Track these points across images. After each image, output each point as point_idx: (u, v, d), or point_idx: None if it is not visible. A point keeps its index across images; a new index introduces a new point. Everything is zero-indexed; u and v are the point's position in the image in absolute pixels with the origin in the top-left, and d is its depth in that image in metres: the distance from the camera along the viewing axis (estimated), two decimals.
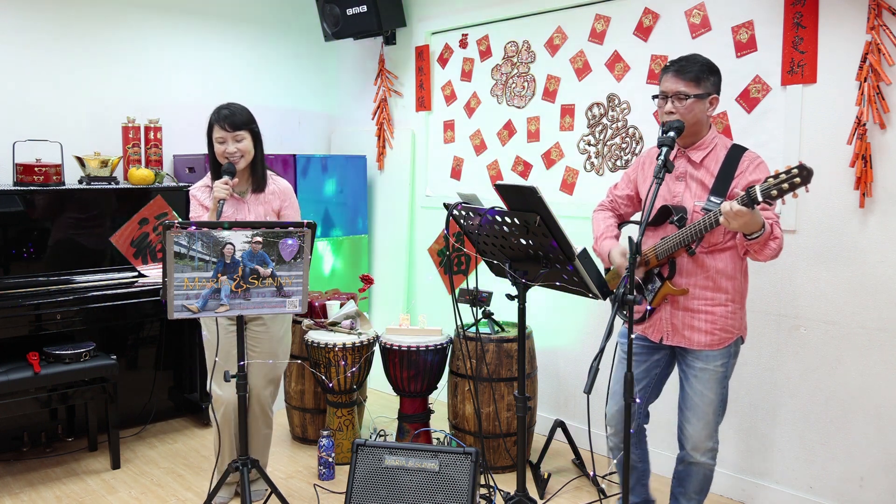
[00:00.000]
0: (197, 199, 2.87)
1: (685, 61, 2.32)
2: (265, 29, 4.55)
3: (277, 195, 2.89)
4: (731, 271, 2.34)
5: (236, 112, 2.79)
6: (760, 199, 2.04)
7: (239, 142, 2.77)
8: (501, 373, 3.26)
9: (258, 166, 2.84)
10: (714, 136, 2.38)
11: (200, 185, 2.91)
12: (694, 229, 2.26)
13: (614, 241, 2.54)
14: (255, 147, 2.82)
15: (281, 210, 2.90)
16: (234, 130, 2.76)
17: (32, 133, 3.68)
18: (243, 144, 2.78)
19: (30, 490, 3.15)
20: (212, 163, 2.85)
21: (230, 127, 2.75)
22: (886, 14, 2.55)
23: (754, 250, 2.23)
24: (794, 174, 2.00)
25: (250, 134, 2.80)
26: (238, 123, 2.77)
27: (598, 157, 3.50)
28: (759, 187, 2.05)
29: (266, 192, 2.86)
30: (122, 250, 3.71)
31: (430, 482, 2.38)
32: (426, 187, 4.37)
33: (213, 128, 2.78)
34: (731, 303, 2.36)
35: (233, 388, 2.84)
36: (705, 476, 2.48)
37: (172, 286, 2.33)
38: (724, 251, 2.33)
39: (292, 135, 4.73)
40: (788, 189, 2.00)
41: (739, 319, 2.40)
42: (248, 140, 2.80)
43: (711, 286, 2.34)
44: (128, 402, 3.73)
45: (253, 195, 2.86)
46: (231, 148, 2.76)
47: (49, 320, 3.30)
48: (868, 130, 2.63)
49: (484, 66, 3.98)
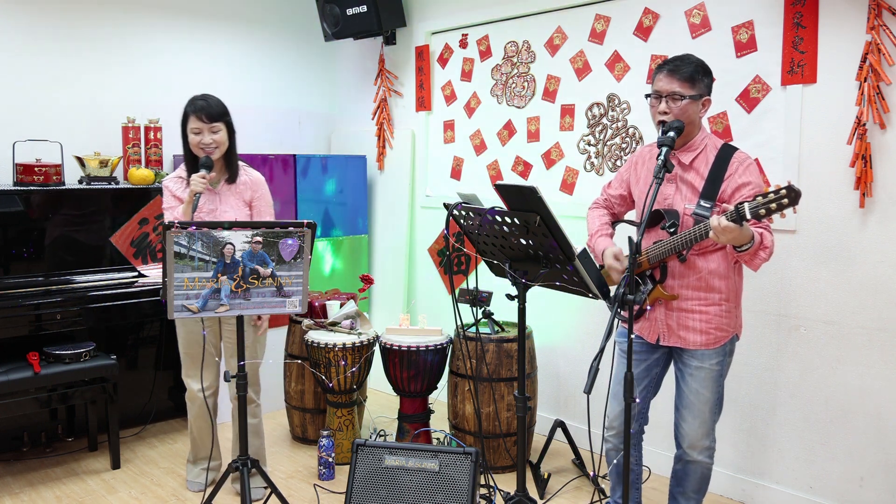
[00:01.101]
0: (170, 189, 2.90)
1: (679, 61, 2.30)
2: (265, 29, 4.55)
3: (249, 186, 2.92)
4: (723, 271, 2.34)
5: (213, 104, 2.80)
6: (749, 217, 2.05)
7: (215, 133, 2.79)
8: (501, 373, 3.26)
9: (232, 158, 2.88)
10: (704, 136, 2.37)
11: (174, 176, 2.94)
12: (684, 239, 2.26)
13: (608, 240, 2.54)
14: (229, 139, 2.85)
15: (252, 201, 2.93)
16: (211, 122, 2.78)
17: (32, 133, 3.68)
18: (219, 136, 2.80)
19: (30, 490, 3.15)
20: (186, 154, 2.86)
21: (207, 118, 2.77)
22: (886, 14, 2.55)
23: (744, 261, 2.25)
24: (783, 195, 2.01)
25: (225, 126, 2.83)
26: (214, 115, 2.79)
27: (598, 157, 3.50)
28: (748, 206, 2.05)
29: (238, 184, 2.90)
30: (122, 250, 3.71)
31: (430, 482, 2.38)
32: (426, 187, 4.37)
33: (188, 118, 2.80)
34: (724, 302, 2.36)
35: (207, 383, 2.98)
36: (703, 475, 2.48)
37: (172, 286, 2.33)
38: (716, 252, 2.33)
39: (292, 135, 4.73)
40: (776, 209, 2.03)
41: (734, 318, 2.40)
42: (224, 132, 2.82)
43: (704, 286, 2.35)
44: (128, 402, 3.73)
45: (226, 186, 2.89)
46: (207, 139, 2.78)
47: (49, 320, 3.30)
48: (868, 130, 2.63)
49: (484, 66, 3.98)
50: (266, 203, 2.97)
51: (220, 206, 2.87)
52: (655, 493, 3.10)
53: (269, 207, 2.99)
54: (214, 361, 3.02)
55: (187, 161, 2.89)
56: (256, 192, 2.94)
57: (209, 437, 3.09)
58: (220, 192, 2.88)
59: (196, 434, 3.11)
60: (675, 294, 2.37)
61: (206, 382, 2.96)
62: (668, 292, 2.37)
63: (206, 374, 2.97)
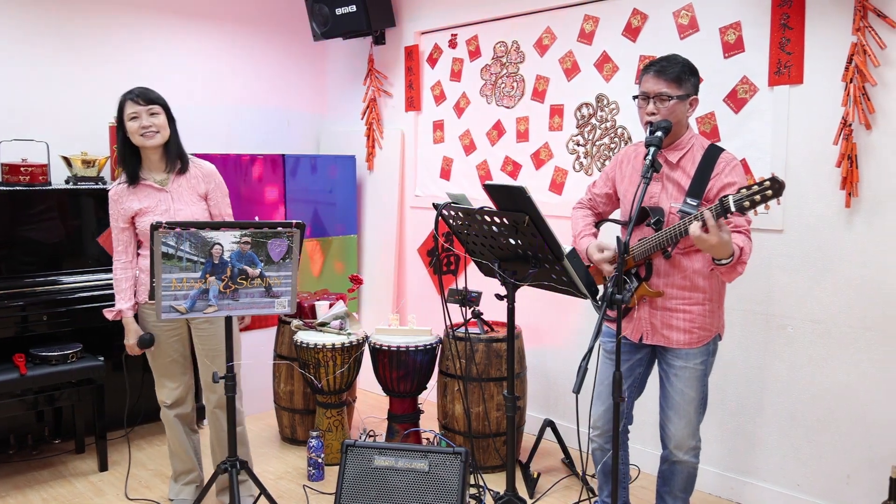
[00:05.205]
0: (114, 206, 2.74)
1: (666, 62, 2.31)
2: (253, 28, 4.53)
3: (201, 178, 2.81)
4: (707, 271, 2.35)
5: (148, 90, 2.70)
6: (733, 210, 2.06)
7: (153, 115, 2.67)
8: (491, 372, 3.26)
9: (175, 148, 2.75)
10: (691, 136, 2.38)
11: (117, 185, 2.75)
12: (668, 235, 2.27)
13: (592, 240, 2.55)
14: (169, 126, 2.73)
15: (208, 193, 2.82)
16: (148, 104, 2.67)
17: (18, 133, 3.64)
18: (158, 119, 2.68)
19: (16, 493, 3.12)
20: (123, 151, 2.72)
21: (143, 101, 2.66)
22: (872, 16, 2.57)
23: (720, 272, 2.26)
24: (767, 186, 2.02)
25: (164, 111, 2.71)
26: (152, 98, 2.69)
27: (586, 157, 3.51)
28: (732, 198, 2.06)
29: (189, 176, 2.78)
30: (108, 251, 3.68)
31: (419, 482, 2.38)
32: (415, 187, 4.37)
33: (123, 107, 2.67)
34: (708, 302, 2.37)
35: (176, 393, 2.88)
36: (689, 474, 2.50)
37: (160, 287, 2.32)
38: (700, 252, 2.34)
39: (281, 135, 4.71)
40: (760, 201, 2.04)
41: (717, 318, 2.42)
42: (163, 116, 2.70)
43: (689, 286, 2.36)
44: (115, 403, 3.70)
45: (176, 181, 2.76)
46: (146, 121, 2.65)
47: (35, 321, 3.27)
48: (854, 131, 2.65)
49: (473, 66, 3.98)
50: (222, 193, 2.86)
51: (174, 205, 2.73)
52: (644, 492, 3.12)
53: (226, 197, 2.88)
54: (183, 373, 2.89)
55: (123, 160, 2.71)
56: (210, 183, 2.82)
57: (191, 449, 2.97)
58: (171, 189, 2.75)
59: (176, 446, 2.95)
60: (660, 291, 2.38)
61: (176, 394, 2.87)
62: (654, 290, 2.38)
63: (176, 386, 2.87)
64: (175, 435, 2.93)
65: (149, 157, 2.75)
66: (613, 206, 2.64)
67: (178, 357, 2.87)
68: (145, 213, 2.71)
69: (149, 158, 2.75)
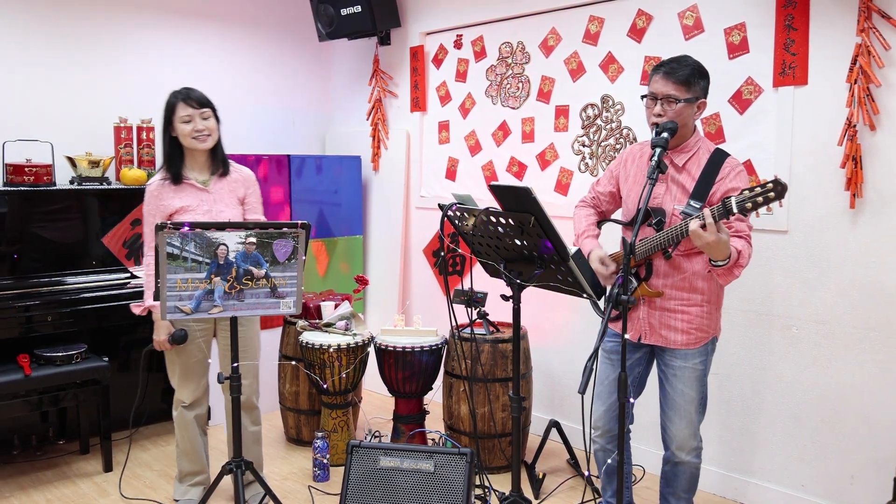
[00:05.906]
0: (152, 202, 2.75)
1: (676, 63, 2.29)
2: (259, 29, 4.54)
3: (242, 183, 2.87)
4: (707, 273, 2.35)
5: (199, 92, 2.74)
6: (736, 211, 2.07)
7: (206, 119, 2.72)
8: (496, 373, 3.26)
9: (219, 150, 2.82)
10: (698, 139, 2.38)
11: (158, 181, 2.77)
12: (668, 235, 2.27)
13: (594, 241, 2.55)
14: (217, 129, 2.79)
15: (245, 198, 2.88)
16: (201, 108, 2.72)
17: (23, 133, 3.65)
18: (210, 122, 2.74)
19: (21, 494, 3.13)
20: (171, 149, 2.75)
21: (196, 104, 2.70)
22: (876, 17, 2.57)
23: (717, 274, 2.26)
24: (769, 188, 2.03)
25: (213, 114, 2.76)
26: (203, 101, 2.73)
27: (592, 157, 3.51)
28: (734, 199, 2.07)
29: (230, 179, 2.84)
30: (113, 251, 3.69)
31: (425, 483, 2.38)
32: (421, 188, 4.37)
33: (174, 108, 2.71)
34: (706, 303, 2.38)
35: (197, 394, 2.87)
36: (692, 475, 2.50)
37: (165, 287, 2.32)
38: (701, 253, 2.34)
39: (286, 135, 4.72)
40: (763, 203, 2.04)
41: (715, 320, 2.42)
42: (213, 119, 2.76)
43: (687, 287, 2.36)
44: (120, 404, 3.70)
45: (218, 183, 2.81)
46: (200, 125, 2.70)
47: (40, 322, 3.28)
48: (858, 132, 2.65)
49: (478, 66, 3.99)
50: (258, 200, 2.94)
51: (215, 206, 2.80)
52: (649, 493, 3.12)
53: (260, 203, 2.96)
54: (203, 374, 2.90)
55: (169, 158, 2.75)
56: (249, 188, 2.89)
57: (202, 450, 2.97)
58: (213, 190, 2.81)
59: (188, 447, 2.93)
60: (659, 291, 2.38)
61: (196, 395, 2.88)
62: (653, 290, 2.38)
63: (196, 387, 2.88)
64: (189, 436, 2.92)
65: (195, 158, 2.79)
66: (616, 205, 2.64)
67: (203, 358, 2.88)
68: (185, 211, 2.75)
69: (195, 159, 2.79)
